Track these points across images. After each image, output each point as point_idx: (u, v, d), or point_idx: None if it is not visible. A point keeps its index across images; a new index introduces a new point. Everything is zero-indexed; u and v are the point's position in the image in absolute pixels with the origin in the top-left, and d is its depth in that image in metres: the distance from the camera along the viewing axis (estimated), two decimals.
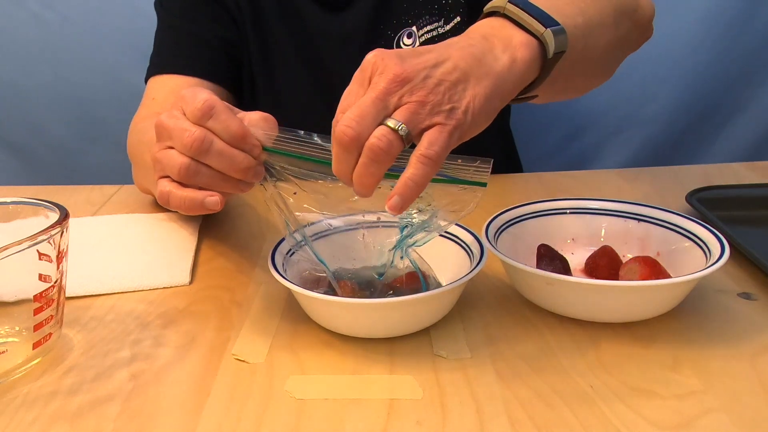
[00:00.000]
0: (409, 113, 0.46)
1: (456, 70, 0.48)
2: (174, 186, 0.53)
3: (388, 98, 0.46)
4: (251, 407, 0.46)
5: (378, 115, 0.46)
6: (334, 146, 0.47)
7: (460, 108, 0.47)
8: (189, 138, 0.51)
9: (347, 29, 0.86)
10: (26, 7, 1.19)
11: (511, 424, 0.43)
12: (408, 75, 0.46)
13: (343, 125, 0.46)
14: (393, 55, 0.47)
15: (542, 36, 0.52)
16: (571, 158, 1.31)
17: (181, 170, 0.52)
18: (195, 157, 0.52)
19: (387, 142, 0.45)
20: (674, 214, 0.61)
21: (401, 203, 0.46)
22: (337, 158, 0.47)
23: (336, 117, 0.48)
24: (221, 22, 0.86)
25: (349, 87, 0.49)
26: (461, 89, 0.48)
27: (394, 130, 0.46)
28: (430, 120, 0.47)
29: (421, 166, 0.46)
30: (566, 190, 0.85)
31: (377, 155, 0.46)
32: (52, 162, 1.29)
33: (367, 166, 0.46)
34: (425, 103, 0.46)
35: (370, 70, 0.48)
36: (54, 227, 0.49)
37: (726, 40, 1.20)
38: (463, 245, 0.59)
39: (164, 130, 0.53)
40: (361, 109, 0.46)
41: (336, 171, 0.48)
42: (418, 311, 0.52)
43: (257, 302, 0.60)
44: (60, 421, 0.45)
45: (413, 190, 0.46)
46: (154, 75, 0.84)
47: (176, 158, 0.52)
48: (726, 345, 0.51)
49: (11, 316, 0.52)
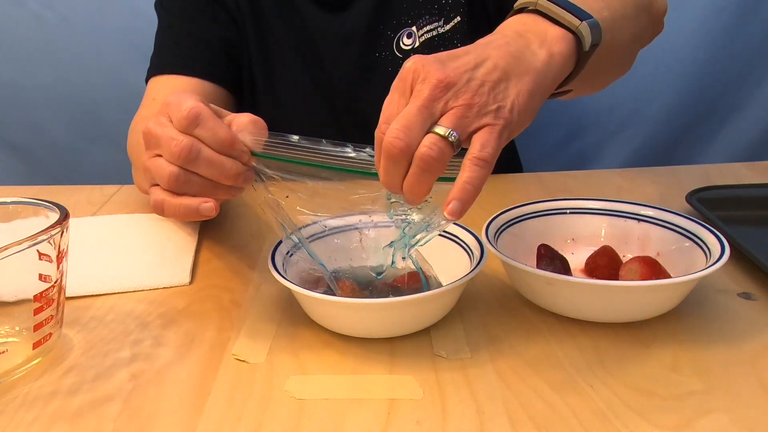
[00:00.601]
0: (456, 118, 0.45)
1: (497, 69, 0.47)
2: (167, 195, 0.53)
3: (434, 105, 0.46)
4: (251, 407, 0.46)
5: (425, 124, 0.45)
6: (383, 159, 0.46)
7: (506, 107, 0.47)
8: (176, 147, 0.50)
9: (347, 29, 0.86)
10: (26, 7, 1.19)
11: (511, 424, 0.43)
12: (451, 79, 0.46)
13: (391, 137, 0.45)
14: (433, 61, 0.47)
15: (578, 29, 0.51)
16: (571, 158, 1.31)
17: (170, 179, 0.52)
18: (183, 165, 0.51)
19: (438, 150, 0.45)
20: (674, 214, 0.61)
21: (461, 207, 0.45)
22: (386, 170, 0.46)
23: (379, 128, 0.47)
24: (221, 22, 0.86)
25: (389, 96, 0.48)
26: (504, 88, 0.47)
27: (444, 137, 0.45)
28: (479, 122, 0.46)
29: (477, 168, 0.45)
30: (566, 190, 0.85)
31: (429, 164, 0.45)
32: (52, 162, 1.29)
33: (419, 176, 0.46)
34: (472, 106, 0.46)
35: (411, 78, 0.47)
36: (54, 227, 0.49)
37: (725, 39, 1.20)
38: (463, 245, 0.59)
39: (152, 137, 0.53)
40: (407, 119, 0.45)
41: (385, 183, 0.47)
42: (418, 311, 0.52)
43: (257, 302, 0.60)
44: (60, 421, 0.45)
45: (471, 194, 0.45)
46: (155, 75, 0.84)
47: (165, 167, 0.52)
48: (726, 345, 0.51)
49: (11, 316, 0.52)
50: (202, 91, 0.82)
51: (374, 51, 0.86)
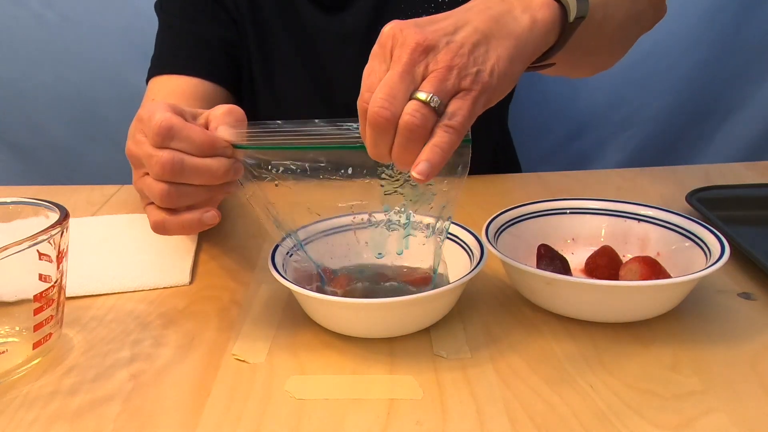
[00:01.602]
0: (437, 81, 0.45)
1: (476, 32, 0.47)
2: (166, 213, 0.52)
3: (414, 69, 0.45)
4: (251, 407, 0.46)
5: (408, 89, 0.45)
6: (369, 130, 0.45)
7: (485, 70, 0.46)
8: (158, 165, 0.49)
9: (347, 29, 0.86)
10: (27, 7, 1.19)
11: (511, 424, 0.43)
12: (430, 42, 0.45)
13: (376, 107, 0.44)
14: (410, 25, 0.46)
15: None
16: (571, 158, 1.31)
17: (163, 197, 0.51)
18: (171, 180, 0.50)
19: (421, 116, 0.44)
20: (674, 214, 0.61)
21: (429, 169, 0.44)
22: (373, 142, 0.46)
23: (362, 96, 0.46)
24: (221, 22, 0.86)
25: (369, 64, 0.47)
26: (484, 51, 0.46)
27: (426, 103, 0.44)
28: (459, 85, 0.45)
29: (445, 135, 0.45)
30: (566, 190, 0.85)
31: (413, 132, 0.44)
32: (53, 162, 1.29)
33: (406, 145, 0.45)
34: (452, 68, 0.45)
35: (390, 44, 0.46)
36: (54, 227, 0.49)
37: (725, 39, 1.20)
38: (463, 245, 0.59)
39: (133, 158, 0.52)
40: (390, 87, 0.44)
41: (373, 154, 0.47)
42: (418, 311, 0.52)
43: (257, 302, 0.60)
44: (60, 421, 0.45)
45: (440, 156, 0.45)
46: (155, 76, 0.84)
47: (155, 186, 0.51)
48: (726, 345, 0.51)
49: (11, 316, 0.52)
50: (202, 91, 0.82)
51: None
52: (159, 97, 0.81)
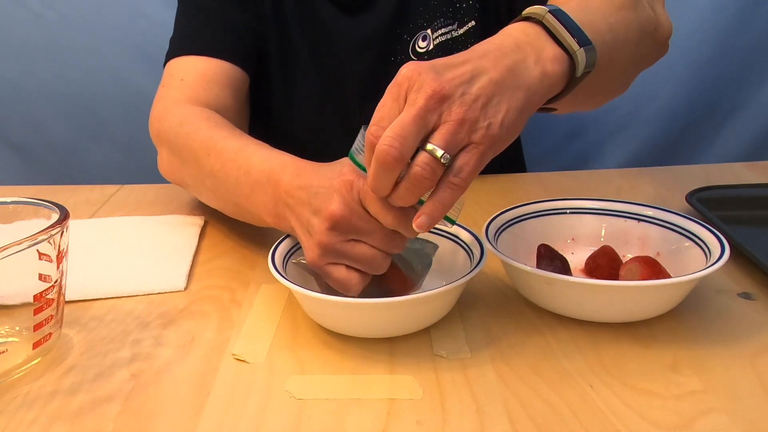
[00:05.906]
0: (449, 135, 0.46)
1: (491, 84, 0.48)
2: (362, 276, 0.53)
3: (428, 116, 0.46)
4: (251, 407, 0.46)
5: (419, 134, 0.46)
6: (375, 164, 0.46)
7: (496, 123, 0.47)
8: (394, 245, 0.52)
9: (368, 33, 0.86)
10: (27, 7, 1.19)
11: (511, 424, 0.43)
12: (446, 92, 0.46)
13: (385, 145, 0.45)
14: (428, 69, 0.47)
15: (575, 54, 0.51)
16: (571, 158, 1.31)
17: (383, 263, 0.53)
18: (389, 251, 0.53)
19: (430, 171, 0.46)
20: (674, 214, 0.61)
21: (428, 222, 0.47)
22: (375, 175, 0.47)
23: (370, 130, 0.47)
24: (248, 10, 0.85)
25: (383, 99, 0.48)
26: (496, 102, 0.48)
27: (437, 159, 0.46)
28: (469, 138, 0.47)
29: (449, 191, 0.47)
30: (566, 190, 0.85)
31: (422, 183, 0.46)
32: (53, 161, 1.29)
33: (410, 191, 0.47)
34: (464, 122, 0.46)
35: (406, 85, 0.47)
36: (54, 227, 0.49)
37: (725, 39, 1.20)
38: (463, 245, 0.59)
39: (350, 225, 0.52)
40: (401, 128, 0.45)
41: (373, 186, 0.48)
42: (418, 311, 0.52)
43: (257, 302, 0.60)
44: (60, 421, 0.45)
45: (440, 212, 0.47)
46: (178, 56, 0.82)
47: (378, 256, 0.52)
48: (726, 345, 0.51)
49: (11, 316, 0.52)
50: (228, 74, 0.81)
51: (390, 54, 0.86)
52: (189, 78, 0.79)
